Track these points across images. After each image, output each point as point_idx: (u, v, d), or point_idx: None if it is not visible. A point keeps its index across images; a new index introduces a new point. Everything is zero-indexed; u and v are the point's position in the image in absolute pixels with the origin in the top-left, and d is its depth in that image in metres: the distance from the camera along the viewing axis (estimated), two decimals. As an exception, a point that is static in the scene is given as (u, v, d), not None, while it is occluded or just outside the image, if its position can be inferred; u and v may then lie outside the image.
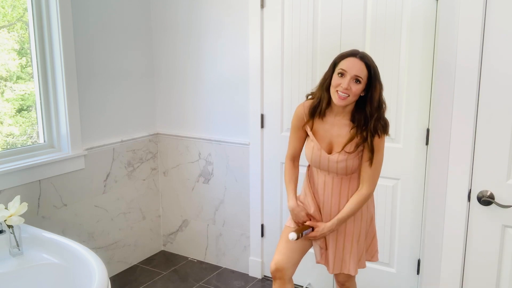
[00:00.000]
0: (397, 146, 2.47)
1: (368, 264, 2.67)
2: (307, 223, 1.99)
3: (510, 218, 2.09)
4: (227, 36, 2.90)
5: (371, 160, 1.86)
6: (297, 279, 2.89)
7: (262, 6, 2.73)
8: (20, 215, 1.96)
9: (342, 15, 2.49)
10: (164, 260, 3.33)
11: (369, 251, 2.12)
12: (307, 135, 2.00)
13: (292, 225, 2.05)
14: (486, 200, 2.08)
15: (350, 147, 1.87)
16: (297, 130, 2.00)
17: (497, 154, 2.07)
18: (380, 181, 2.53)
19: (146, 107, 3.22)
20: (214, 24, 2.94)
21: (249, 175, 2.98)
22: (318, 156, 1.92)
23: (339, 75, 1.78)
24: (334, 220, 1.93)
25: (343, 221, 1.94)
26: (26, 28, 2.61)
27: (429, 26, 2.27)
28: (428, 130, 2.37)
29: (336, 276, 2.16)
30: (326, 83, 1.85)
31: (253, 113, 2.88)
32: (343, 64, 1.77)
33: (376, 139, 1.84)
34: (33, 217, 2.53)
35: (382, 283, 2.65)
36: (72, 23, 2.63)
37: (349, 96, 1.77)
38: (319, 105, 1.89)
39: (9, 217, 1.93)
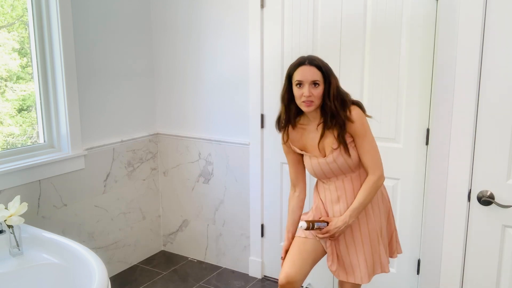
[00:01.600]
0: (397, 146, 2.47)
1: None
2: (323, 218, 1.94)
3: (510, 218, 2.09)
4: (227, 36, 2.90)
5: (361, 147, 1.86)
6: (297, 279, 2.89)
7: (262, 6, 2.73)
8: (20, 215, 1.96)
9: (342, 15, 2.49)
10: (164, 260, 3.33)
11: (391, 244, 2.07)
12: (301, 155, 2.00)
13: (303, 235, 2.00)
14: (486, 200, 2.09)
15: (334, 142, 1.86)
16: (287, 153, 2.03)
17: (497, 154, 2.07)
18: (380, 181, 2.54)
19: (146, 107, 3.22)
20: (214, 24, 2.94)
21: (249, 175, 2.98)
22: (317, 164, 1.92)
23: (298, 86, 1.82)
24: (347, 212, 1.87)
25: (357, 212, 1.87)
26: (26, 28, 2.61)
27: (429, 26, 2.27)
28: (428, 130, 2.37)
29: (341, 284, 2.07)
30: (286, 97, 1.89)
31: (253, 113, 2.88)
32: (297, 75, 1.81)
33: (350, 127, 1.83)
34: (33, 217, 2.53)
35: (382, 283, 2.65)
36: (72, 23, 2.63)
37: (313, 101, 1.81)
38: (287, 117, 1.92)
39: (9, 217, 1.93)
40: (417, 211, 2.48)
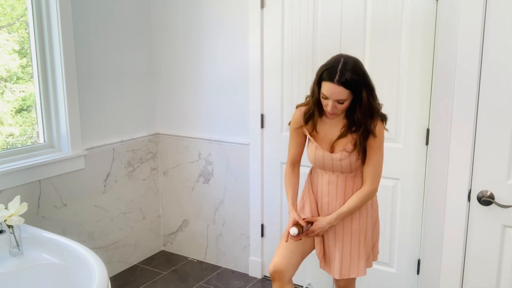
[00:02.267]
0: (397, 146, 2.46)
1: (368, 264, 2.67)
2: (307, 219, 1.97)
3: (510, 218, 2.09)
4: (227, 36, 2.90)
5: (370, 158, 1.87)
6: (297, 279, 2.89)
7: (262, 6, 2.73)
8: (20, 215, 1.96)
9: (342, 15, 2.49)
10: (164, 260, 3.33)
11: (373, 251, 2.10)
12: (306, 138, 2.00)
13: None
14: (486, 200, 2.08)
15: (349, 146, 1.87)
16: (295, 134, 2.00)
17: (497, 154, 2.07)
18: (380, 181, 2.54)
19: (146, 107, 3.22)
20: (214, 24, 2.94)
21: (249, 175, 2.98)
22: (321, 156, 1.92)
23: (323, 96, 1.80)
24: (334, 214, 1.92)
25: (343, 216, 1.92)
26: (26, 28, 2.61)
27: (429, 26, 2.27)
28: (428, 130, 2.37)
29: (337, 280, 2.12)
30: (315, 98, 1.87)
31: (253, 113, 2.88)
32: (324, 89, 1.78)
33: (370, 139, 1.84)
34: (33, 217, 2.53)
35: (382, 283, 2.65)
36: (72, 23, 2.63)
37: (336, 113, 1.82)
38: (313, 116, 1.92)
39: (9, 217, 1.93)
40: (417, 211, 2.48)
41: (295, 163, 2.07)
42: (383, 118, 1.87)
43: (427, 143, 2.38)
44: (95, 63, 2.83)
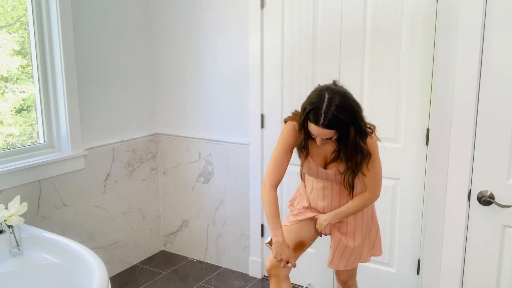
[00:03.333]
0: (397, 146, 2.47)
1: (368, 264, 2.67)
2: (307, 214, 1.99)
3: (510, 218, 2.09)
4: (227, 36, 2.90)
5: (368, 172, 1.85)
6: (297, 279, 2.89)
7: (262, 6, 2.73)
8: (20, 215, 1.96)
9: (342, 15, 2.49)
10: (164, 260, 3.33)
11: (375, 246, 2.11)
12: (292, 154, 1.95)
13: (288, 223, 2.08)
14: (486, 200, 2.08)
15: (341, 167, 1.85)
16: (288, 149, 1.90)
17: (497, 154, 2.07)
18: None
19: (146, 107, 3.22)
20: (214, 24, 2.94)
21: (249, 175, 2.98)
22: (315, 171, 1.94)
23: (311, 134, 1.75)
24: (332, 212, 1.95)
25: (341, 216, 1.94)
26: (26, 29, 2.61)
27: (429, 26, 2.27)
28: (428, 130, 2.37)
29: (338, 274, 2.16)
30: (301, 129, 1.79)
31: (253, 113, 2.88)
32: (310, 128, 1.72)
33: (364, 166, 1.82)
34: (33, 217, 2.52)
35: (382, 283, 2.65)
36: (72, 23, 2.63)
37: (326, 143, 1.79)
38: (306, 137, 1.82)
39: (9, 217, 1.93)
40: (417, 211, 2.48)
41: (276, 185, 1.93)
42: (372, 131, 1.81)
43: (427, 143, 2.38)
44: (95, 63, 2.83)
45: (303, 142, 1.84)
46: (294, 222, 2.06)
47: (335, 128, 1.67)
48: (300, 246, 2.04)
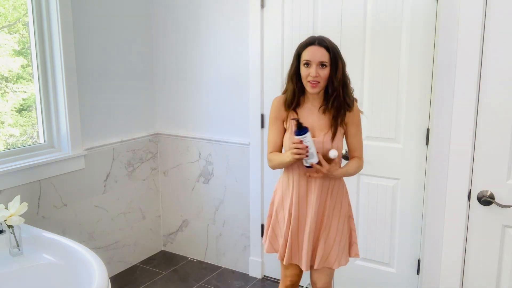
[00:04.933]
0: (397, 146, 2.47)
1: (368, 264, 2.68)
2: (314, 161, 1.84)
3: (510, 218, 2.09)
4: (227, 36, 2.90)
5: (352, 132, 1.92)
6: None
7: (262, 6, 2.73)
8: (20, 215, 1.96)
9: (342, 15, 2.49)
10: (164, 260, 3.33)
11: (352, 248, 2.06)
12: (285, 129, 1.98)
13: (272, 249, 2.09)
14: (486, 200, 2.08)
15: (325, 126, 1.89)
16: (275, 121, 1.99)
17: (497, 154, 2.07)
18: (380, 181, 2.54)
19: (146, 107, 3.22)
20: (214, 24, 2.94)
21: (249, 175, 2.98)
22: None
23: (305, 65, 1.85)
24: (342, 169, 1.90)
25: (340, 173, 1.89)
26: (26, 29, 2.61)
27: (429, 26, 2.27)
28: (428, 130, 2.37)
29: (315, 284, 2.09)
30: (293, 74, 1.91)
31: (253, 113, 2.88)
32: (305, 55, 1.84)
33: (348, 115, 1.88)
34: (33, 217, 2.53)
35: (382, 283, 2.65)
36: (72, 23, 2.63)
37: (319, 82, 1.84)
38: (294, 97, 1.93)
39: (9, 217, 1.93)
40: (417, 211, 2.48)
41: (275, 150, 2.00)
42: (351, 99, 1.92)
43: (427, 143, 2.38)
44: (95, 63, 2.83)
45: (296, 95, 1.91)
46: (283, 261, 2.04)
47: (328, 48, 1.81)
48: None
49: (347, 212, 2.01)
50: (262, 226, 3.01)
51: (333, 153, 1.81)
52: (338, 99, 1.86)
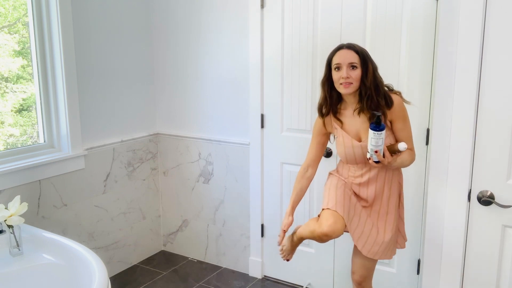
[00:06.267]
0: (397, 146, 2.46)
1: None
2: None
3: (510, 218, 2.09)
4: (227, 36, 2.90)
5: (399, 128, 1.89)
6: (297, 279, 2.89)
7: (262, 6, 2.73)
8: (20, 215, 1.96)
9: (342, 15, 2.49)
10: (164, 260, 3.33)
11: (399, 241, 2.07)
12: (328, 137, 2.04)
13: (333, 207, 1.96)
14: (486, 200, 2.08)
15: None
16: (316, 135, 2.04)
17: (497, 154, 2.07)
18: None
19: (146, 107, 3.22)
20: (214, 24, 2.94)
21: (249, 175, 2.98)
22: (350, 147, 1.92)
23: (336, 69, 1.86)
24: (399, 159, 1.87)
25: (396, 163, 1.88)
26: (26, 29, 2.61)
27: (429, 26, 2.27)
28: (428, 130, 2.37)
29: (353, 272, 2.10)
30: (326, 84, 1.93)
31: (253, 113, 2.88)
32: (335, 59, 1.87)
33: (389, 111, 1.86)
34: (33, 217, 2.53)
35: (382, 283, 2.65)
36: (72, 23, 2.63)
37: (352, 83, 1.84)
38: (327, 101, 1.95)
39: (9, 217, 1.93)
40: (417, 211, 2.48)
41: (311, 165, 2.07)
42: (397, 94, 1.91)
43: (427, 143, 2.38)
44: (95, 63, 2.83)
45: (327, 101, 1.94)
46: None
47: (357, 51, 1.84)
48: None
49: (395, 203, 2.01)
50: (262, 226, 3.01)
51: (402, 146, 1.80)
52: (372, 100, 1.85)
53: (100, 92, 2.88)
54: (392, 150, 1.84)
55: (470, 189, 2.16)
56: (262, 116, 2.86)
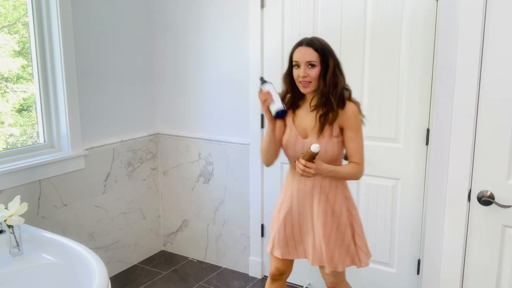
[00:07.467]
0: (397, 146, 2.46)
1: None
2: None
3: (510, 218, 2.09)
4: (227, 36, 2.90)
5: (349, 137, 1.86)
6: (297, 279, 2.89)
7: (262, 6, 2.73)
8: (20, 215, 1.96)
9: (342, 15, 2.49)
10: (164, 260, 3.33)
11: (361, 256, 2.00)
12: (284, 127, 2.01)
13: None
14: (486, 200, 2.08)
15: (319, 128, 1.87)
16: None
17: (497, 154, 2.07)
18: (380, 181, 2.54)
19: (146, 107, 3.22)
20: (214, 24, 2.94)
21: (249, 175, 2.98)
22: (294, 140, 1.92)
23: (295, 67, 1.87)
24: (325, 165, 1.82)
25: (332, 173, 1.84)
26: (26, 29, 2.61)
27: (429, 26, 2.27)
28: (428, 130, 2.37)
29: (325, 281, 2.10)
30: (286, 76, 1.95)
31: (253, 113, 2.88)
32: (295, 56, 1.87)
33: (342, 115, 1.83)
34: (33, 217, 2.53)
35: (382, 283, 2.66)
36: (72, 23, 2.63)
37: (311, 82, 1.84)
38: (288, 98, 1.96)
39: (9, 217, 1.93)
40: (417, 211, 2.48)
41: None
42: (355, 103, 1.88)
43: (427, 143, 2.38)
44: (95, 63, 2.83)
45: (286, 89, 1.96)
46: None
47: (317, 51, 1.81)
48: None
49: (347, 218, 1.96)
50: (262, 226, 3.01)
51: (314, 147, 1.72)
52: (327, 97, 1.84)
53: (100, 92, 2.88)
54: (309, 155, 1.75)
55: (470, 189, 2.16)
56: (262, 116, 2.86)
